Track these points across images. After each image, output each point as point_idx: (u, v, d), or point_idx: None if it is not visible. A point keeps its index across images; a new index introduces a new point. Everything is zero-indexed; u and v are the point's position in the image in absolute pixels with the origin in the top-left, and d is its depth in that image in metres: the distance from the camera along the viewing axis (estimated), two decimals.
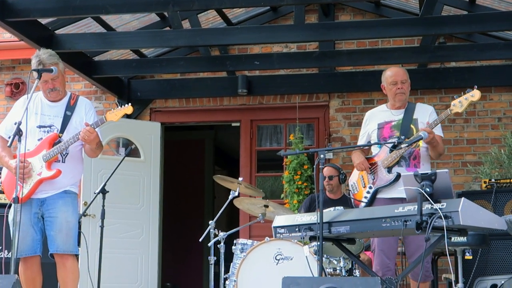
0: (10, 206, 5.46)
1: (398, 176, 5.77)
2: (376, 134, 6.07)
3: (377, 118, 6.16)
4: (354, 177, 6.20)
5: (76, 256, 5.82)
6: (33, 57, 5.73)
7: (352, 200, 6.22)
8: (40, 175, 5.60)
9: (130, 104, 5.83)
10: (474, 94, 5.66)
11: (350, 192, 6.20)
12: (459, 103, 5.67)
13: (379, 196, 5.92)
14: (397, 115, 6.06)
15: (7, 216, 5.61)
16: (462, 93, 5.71)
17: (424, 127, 5.74)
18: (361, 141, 6.23)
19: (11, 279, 4.38)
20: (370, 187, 5.97)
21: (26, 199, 5.52)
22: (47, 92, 5.77)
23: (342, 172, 7.86)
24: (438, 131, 5.91)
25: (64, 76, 5.90)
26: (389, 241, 5.78)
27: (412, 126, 5.95)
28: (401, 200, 5.50)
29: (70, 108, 5.80)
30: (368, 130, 6.17)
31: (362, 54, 9.46)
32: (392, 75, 6.08)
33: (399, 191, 5.68)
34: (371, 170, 5.98)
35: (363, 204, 5.97)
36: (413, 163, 5.88)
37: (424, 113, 6.04)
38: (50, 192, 5.66)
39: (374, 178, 5.96)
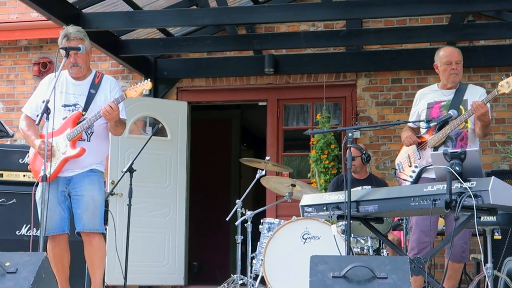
0: (37, 184, 5.51)
1: None
2: (425, 113, 5.98)
3: (427, 97, 6.06)
4: (401, 156, 6.12)
5: (103, 234, 5.84)
6: (61, 32, 5.75)
7: (398, 179, 6.12)
8: (65, 154, 5.61)
9: (149, 79, 5.79)
10: None
11: (396, 171, 6.11)
12: (507, 84, 5.50)
13: (424, 175, 5.83)
14: (448, 96, 5.96)
15: (34, 194, 5.65)
16: (510, 73, 5.58)
17: (473, 104, 5.62)
18: (411, 119, 6.12)
19: (40, 256, 4.41)
20: (416, 166, 5.88)
21: (52, 178, 5.54)
22: (69, 67, 5.77)
23: (364, 152, 7.72)
24: None
25: (89, 54, 5.88)
26: (428, 219, 5.69)
27: (461, 107, 5.84)
28: None
29: (95, 86, 5.79)
30: (418, 109, 6.08)
31: (390, 32, 9.37)
32: (447, 55, 5.97)
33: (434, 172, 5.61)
34: (418, 148, 5.90)
35: (408, 183, 5.88)
36: (460, 144, 5.78)
37: (475, 95, 5.89)
38: (76, 170, 5.67)
39: (420, 158, 5.88)
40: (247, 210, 7.32)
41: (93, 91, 5.77)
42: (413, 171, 5.90)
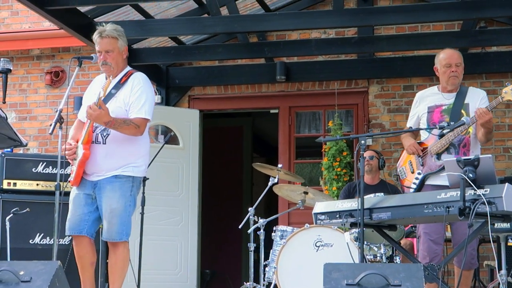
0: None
1: None
2: (426, 118, 5.94)
3: (427, 100, 6.02)
4: (403, 162, 6.09)
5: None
6: (97, 28, 5.68)
7: (399, 186, 6.11)
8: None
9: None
10: None
11: (398, 177, 6.09)
12: (511, 91, 5.52)
13: (427, 182, 5.80)
14: (449, 99, 5.92)
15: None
16: None
17: (477, 111, 5.59)
18: (410, 122, 6.11)
19: (54, 265, 4.41)
20: (419, 173, 5.84)
21: (76, 181, 5.54)
22: (100, 65, 5.64)
23: (382, 157, 7.75)
24: None
25: (122, 54, 5.67)
26: (435, 226, 5.67)
27: (462, 111, 5.80)
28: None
29: (118, 85, 5.58)
30: (418, 112, 6.04)
31: (402, 39, 9.35)
32: (446, 58, 5.94)
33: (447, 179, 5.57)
34: (419, 155, 5.87)
35: (411, 190, 5.86)
36: (463, 150, 5.73)
37: (476, 98, 5.88)
38: (101, 175, 5.53)
39: (423, 164, 5.85)
40: (259, 217, 7.31)
41: (114, 91, 5.55)
42: (416, 178, 5.86)
